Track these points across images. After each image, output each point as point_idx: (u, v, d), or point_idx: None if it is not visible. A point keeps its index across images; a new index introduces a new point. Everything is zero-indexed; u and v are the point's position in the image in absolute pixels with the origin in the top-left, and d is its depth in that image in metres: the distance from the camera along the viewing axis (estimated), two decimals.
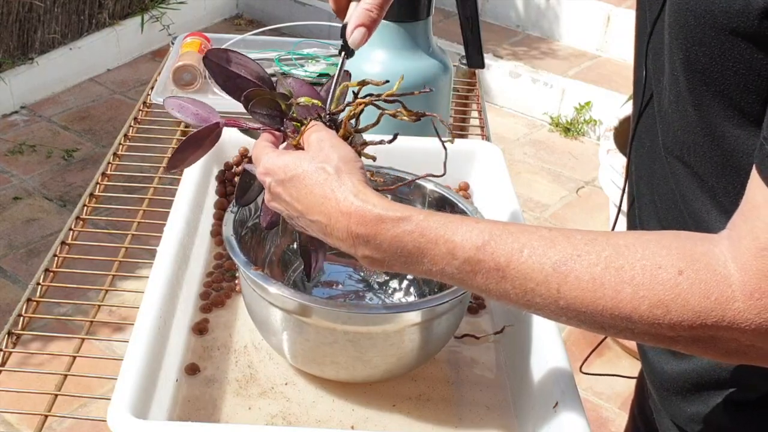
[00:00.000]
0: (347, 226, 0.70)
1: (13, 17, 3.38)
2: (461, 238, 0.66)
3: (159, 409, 0.85)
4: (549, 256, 0.63)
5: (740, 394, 0.76)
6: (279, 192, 0.76)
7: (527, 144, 3.39)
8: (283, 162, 0.76)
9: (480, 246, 0.65)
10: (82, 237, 1.25)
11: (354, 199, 0.70)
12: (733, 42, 0.62)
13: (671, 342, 0.61)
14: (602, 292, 0.61)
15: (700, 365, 0.77)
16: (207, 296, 1.03)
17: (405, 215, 0.68)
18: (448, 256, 0.66)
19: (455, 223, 0.67)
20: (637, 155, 0.82)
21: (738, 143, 0.65)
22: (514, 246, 0.64)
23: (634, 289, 0.60)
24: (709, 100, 0.65)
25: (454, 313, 0.92)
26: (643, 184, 0.81)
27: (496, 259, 0.64)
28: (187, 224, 1.03)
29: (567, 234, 0.64)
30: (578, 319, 0.63)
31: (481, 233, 0.65)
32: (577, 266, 0.62)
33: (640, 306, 0.60)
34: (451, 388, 0.95)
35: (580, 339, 2.42)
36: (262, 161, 0.78)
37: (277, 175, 0.76)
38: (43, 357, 1.92)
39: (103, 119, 3.39)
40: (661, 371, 0.82)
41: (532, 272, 0.63)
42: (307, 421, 0.89)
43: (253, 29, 2.10)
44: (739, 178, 0.66)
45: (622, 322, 0.61)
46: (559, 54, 3.73)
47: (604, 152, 2.30)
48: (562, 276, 0.62)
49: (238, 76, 0.85)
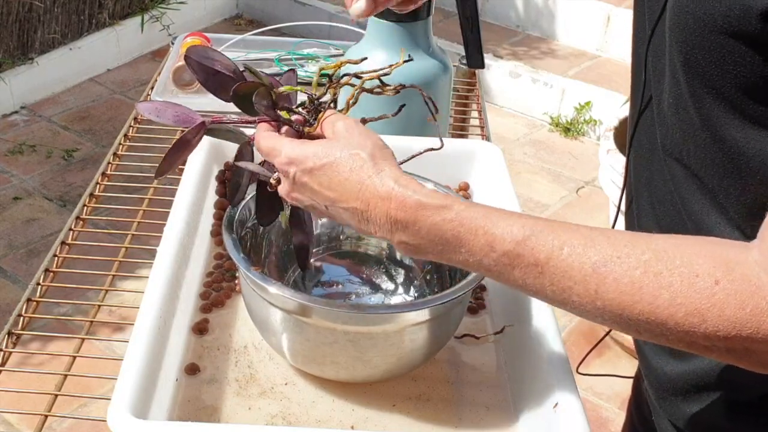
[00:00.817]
0: (387, 211, 0.70)
1: (13, 17, 3.38)
2: (501, 231, 0.66)
3: (159, 409, 0.85)
4: (589, 256, 0.63)
5: (738, 394, 0.76)
6: (305, 181, 0.75)
7: (527, 144, 3.39)
8: (310, 151, 0.75)
9: (520, 240, 0.65)
10: (82, 237, 1.25)
11: (394, 184, 0.70)
12: (734, 45, 0.62)
13: (705, 350, 0.61)
14: (640, 297, 0.61)
15: (698, 366, 0.77)
16: (207, 296, 1.03)
17: (446, 203, 0.68)
18: (487, 248, 0.66)
19: (496, 216, 0.67)
20: (635, 156, 0.82)
21: (740, 145, 0.65)
22: (555, 243, 0.64)
23: (672, 295, 0.60)
24: (710, 102, 0.65)
25: (454, 313, 0.92)
26: (641, 185, 0.81)
27: (535, 254, 0.65)
28: (187, 224, 1.03)
29: (608, 234, 0.64)
30: (613, 320, 0.63)
31: (522, 228, 0.65)
32: (616, 268, 0.62)
33: (676, 313, 0.60)
34: (451, 388, 0.95)
35: (580, 339, 2.42)
36: (283, 151, 0.76)
37: (304, 164, 0.74)
38: (43, 357, 1.92)
39: (103, 119, 3.39)
40: (660, 372, 0.82)
41: (571, 271, 0.63)
42: (307, 421, 0.89)
43: (253, 29, 2.10)
44: (741, 180, 0.66)
45: (658, 328, 0.61)
46: (559, 54, 3.73)
47: (604, 152, 2.30)
48: (600, 277, 0.62)
49: (217, 73, 0.85)
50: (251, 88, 0.81)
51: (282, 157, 0.76)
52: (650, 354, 0.83)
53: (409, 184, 0.71)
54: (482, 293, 1.07)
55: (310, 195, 0.75)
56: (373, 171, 0.72)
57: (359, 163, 0.72)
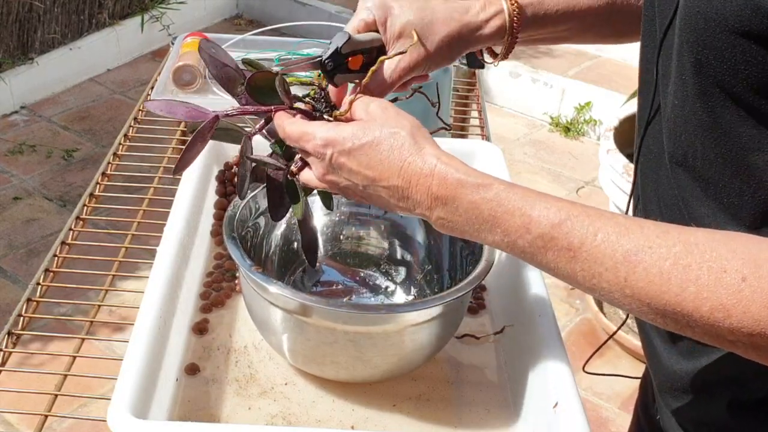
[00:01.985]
0: (428, 187, 0.71)
1: (13, 17, 3.38)
2: (538, 213, 0.67)
3: (159, 409, 0.85)
4: (621, 244, 0.63)
5: (746, 393, 0.76)
6: (343, 162, 0.75)
7: (527, 144, 3.39)
8: (348, 131, 0.75)
9: (556, 224, 0.66)
10: (82, 237, 1.25)
11: (437, 161, 0.71)
12: (745, 44, 0.62)
13: (730, 345, 0.61)
14: (667, 287, 0.61)
15: (706, 365, 0.77)
16: (207, 296, 1.03)
17: (486, 182, 0.69)
18: (522, 229, 0.67)
19: (534, 198, 0.68)
20: (644, 162, 0.82)
21: (752, 143, 0.65)
22: (590, 229, 0.65)
23: (698, 289, 0.60)
24: (721, 102, 0.66)
25: (454, 313, 0.92)
26: (650, 190, 0.81)
27: (569, 239, 0.65)
28: (187, 224, 1.03)
29: (641, 224, 0.64)
30: (640, 309, 0.64)
31: (559, 211, 0.66)
32: (646, 258, 0.62)
33: (701, 306, 0.60)
34: (451, 388, 0.95)
35: (580, 339, 2.42)
36: (317, 134, 0.76)
37: (343, 144, 0.74)
38: (43, 357, 1.92)
39: (103, 119, 3.40)
40: (669, 370, 0.82)
41: (602, 257, 0.64)
42: (307, 421, 0.89)
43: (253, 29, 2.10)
44: (754, 178, 0.66)
45: (683, 319, 0.62)
46: (559, 54, 3.73)
47: (604, 152, 2.30)
48: (631, 266, 0.63)
49: (225, 65, 0.85)
50: (267, 77, 0.81)
51: (317, 140, 0.76)
52: (660, 352, 0.83)
53: (451, 161, 0.71)
54: (482, 293, 1.07)
55: (347, 176, 0.75)
56: (415, 149, 0.72)
57: (400, 142, 0.73)
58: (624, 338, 2.29)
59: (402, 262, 1.07)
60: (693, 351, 0.78)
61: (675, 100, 0.71)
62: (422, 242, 1.05)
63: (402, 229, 1.07)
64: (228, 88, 0.85)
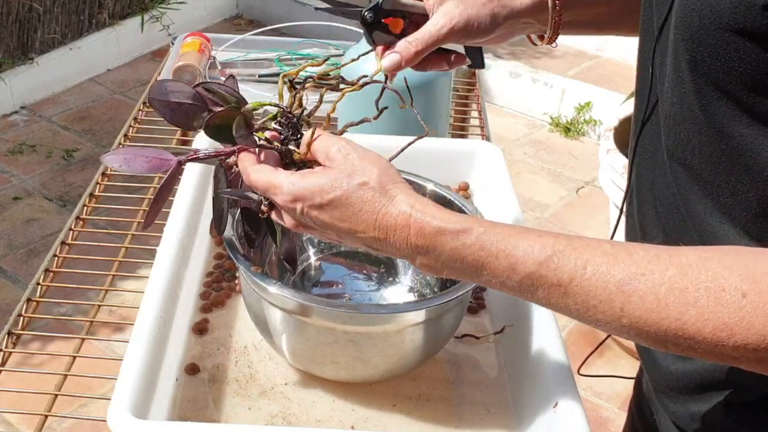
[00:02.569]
0: (406, 238, 0.70)
1: (13, 17, 3.38)
2: (523, 252, 0.66)
3: (159, 409, 0.85)
4: (612, 274, 0.62)
5: (742, 395, 0.76)
6: (315, 215, 0.73)
7: (527, 144, 3.39)
8: (314, 184, 0.72)
9: (542, 261, 0.65)
10: (82, 237, 1.25)
11: (411, 210, 0.70)
12: (739, 41, 0.62)
13: (734, 361, 0.61)
14: (666, 313, 0.60)
15: (702, 366, 0.77)
16: (207, 296, 1.03)
17: (465, 227, 0.68)
18: (509, 270, 0.66)
19: (516, 237, 0.66)
20: (639, 161, 0.82)
21: (746, 142, 0.65)
22: (578, 263, 0.64)
23: (699, 311, 0.59)
24: (716, 100, 0.66)
25: (454, 313, 0.92)
26: (645, 189, 0.81)
27: (558, 275, 0.64)
28: (187, 224, 1.03)
29: (630, 251, 0.63)
30: (640, 336, 0.63)
31: (544, 248, 0.65)
32: (641, 286, 0.61)
33: (704, 328, 0.59)
34: (451, 388, 0.95)
35: (580, 339, 2.42)
36: (284, 188, 0.73)
37: (312, 199, 0.72)
38: (43, 357, 1.92)
39: (103, 119, 3.40)
40: (665, 371, 0.82)
41: (595, 290, 0.63)
42: (307, 421, 0.89)
43: (253, 29, 2.10)
44: (748, 177, 0.66)
45: (685, 342, 0.61)
46: (559, 54, 3.73)
47: (604, 152, 2.30)
48: (625, 296, 0.62)
49: (180, 105, 0.80)
50: (224, 118, 0.77)
51: (285, 195, 0.74)
52: (655, 353, 0.83)
53: (426, 208, 0.70)
54: (482, 293, 1.07)
55: (321, 227, 0.74)
56: (386, 200, 0.71)
57: (369, 194, 0.71)
58: None
59: (401, 262, 1.07)
60: None
61: (673, 97, 0.71)
62: None
63: None
64: (189, 127, 0.81)
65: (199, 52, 1.61)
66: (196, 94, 0.81)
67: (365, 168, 0.72)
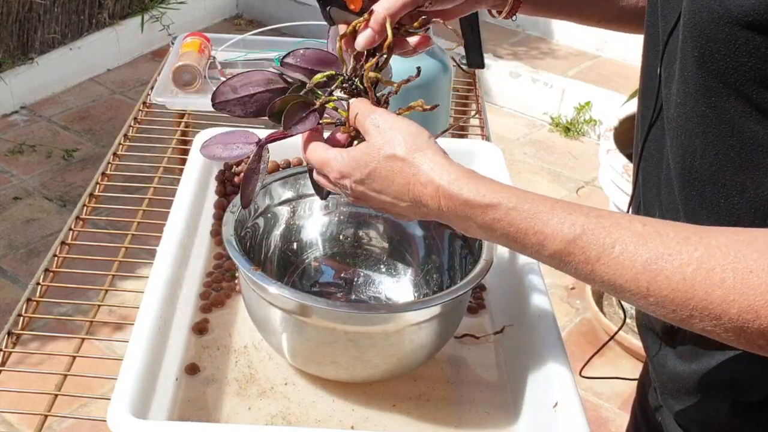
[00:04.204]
0: (438, 207, 0.71)
1: (13, 17, 3.37)
2: (552, 230, 0.66)
3: (159, 409, 0.85)
4: (640, 254, 0.62)
5: (747, 395, 0.76)
6: (362, 191, 0.75)
7: (527, 144, 3.39)
8: (354, 160, 0.74)
9: (571, 240, 0.65)
10: (82, 237, 1.25)
11: (438, 180, 0.70)
12: (749, 36, 0.62)
13: (760, 349, 0.60)
14: (692, 293, 0.60)
15: (708, 366, 0.77)
16: (207, 296, 1.03)
17: (493, 202, 0.68)
18: (538, 245, 0.67)
19: (546, 214, 0.66)
20: (645, 167, 0.82)
21: (757, 137, 0.65)
22: (606, 241, 0.64)
23: (725, 292, 0.59)
24: (725, 97, 0.65)
25: (454, 313, 0.92)
26: (652, 195, 0.81)
27: (586, 253, 0.64)
28: (187, 224, 1.03)
29: (660, 230, 0.63)
30: (666, 316, 0.63)
31: (573, 226, 0.65)
32: (667, 265, 0.61)
33: (729, 309, 0.59)
34: (451, 388, 0.95)
35: (580, 339, 2.42)
36: (332, 164, 0.76)
37: (354, 175, 0.75)
38: (43, 357, 1.92)
39: (103, 119, 3.39)
40: (670, 372, 0.82)
41: (622, 269, 0.63)
42: (307, 421, 0.89)
43: (253, 29, 2.10)
44: (758, 173, 0.66)
45: (710, 323, 0.60)
46: (559, 54, 3.73)
47: (604, 152, 2.30)
48: (652, 275, 0.62)
49: (251, 96, 0.83)
50: (284, 103, 0.80)
51: (334, 171, 0.76)
52: (661, 355, 0.83)
53: (454, 179, 0.70)
54: (482, 293, 1.07)
55: (373, 201, 0.76)
56: (414, 168, 0.71)
57: (398, 166, 0.72)
58: (624, 338, 2.29)
59: (401, 262, 1.07)
60: (694, 353, 0.78)
61: (677, 98, 0.71)
62: (421, 242, 1.05)
63: (401, 228, 1.07)
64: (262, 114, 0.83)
65: (199, 52, 1.61)
66: (266, 78, 0.83)
67: (393, 138, 0.73)
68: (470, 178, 0.70)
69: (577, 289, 2.61)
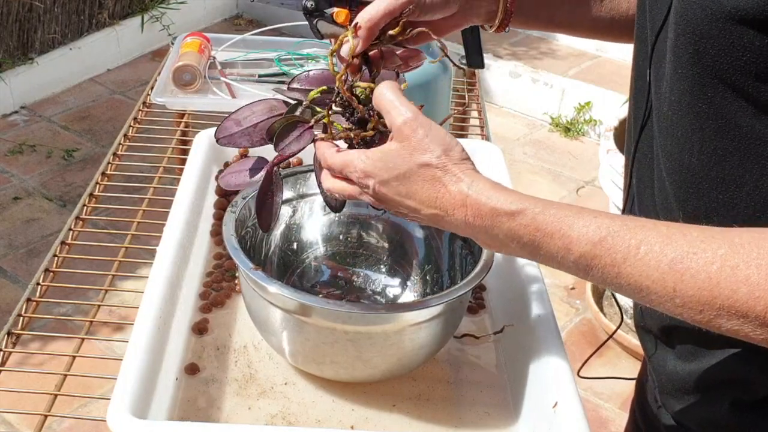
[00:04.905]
0: (464, 218, 0.71)
1: (13, 17, 3.38)
2: (578, 233, 0.66)
3: (159, 409, 0.85)
4: (666, 254, 0.62)
5: (747, 393, 0.76)
6: (385, 193, 0.74)
7: (527, 144, 3.39)
8: (381, 159, 0.74)
9: (597, 242, 0.65)
10: (82, 237, 1.25)
11: (468, 190, 0.70)
12: (743, 31, 0.62)
13: None
14: (718, 292, 0.60)
15: (708, 365, 0.77)
16: (207, 296, 1.03)
17: (520, 208, 0.68)
18: (564, 250, 0.67)
19: (572, 218, 0.67)
20: (639, 167, 0.82)
21: (755, 132, 0.65)
22: (632, 242, 0.64)
23: (750, 289, 0.59)
24: (721, 92, 0.66)
25: (454, 313, 0.92)
26: (646, 196, 0.81)
27: (612, 255, 0.64)
28: (187, 224, 1.03)
29: (684, 230, 0.63)
30: (693, 318, 0.62)
31: (599, 229, 0.65)
32: (692, 264, 0.61)
33: (755, 306, 0.59)
34: (451, 388, 0.95)
35: (580, 339, 2.42)
36: (357, 165, 0.75)
37: (380, 176, 0.74)
38: (43, 357, 1.92)
39: (103, 119, 3.40)
40: (670, 372, 0.82)
41: (648, 270, 0.63)
42: (307, 421, 0.89)
43: (253, 29, 2.10)
44: (756, 167, 0.66)
45: (737, 321, 0.60)
46: (559, 54, 3.73)
47: (604, 152, 2.30)
48: (678, 274, 0.62)
49: (255, 125, 0.84)
50: (281, 123, 0.80)
51: (358, 171, 0.75)
52: (661, 355, 0.83)
53: (483, 189, 0.70)
54: (482, 293, 1.07)
55: (394, 205, 0.75)
56: (447, 179, 0.71)
57: (430, 174, 0.72)
58: (624, 338, 2.29)
59: (401, 262, 1.07)
60: (694, 353, 0.78)
61: (671, 96, 0.71)
62: (421, 242, 1.05)
63: (401, 229, 1.07)
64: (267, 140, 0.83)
65: (199, 52, 1.61)
66: (269, 106, 0.84)
67: (429, 147, 0.73)
68: (498, 189, 0.71)
69: (577, 289, 2.61)
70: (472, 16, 0.89)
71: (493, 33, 0.93)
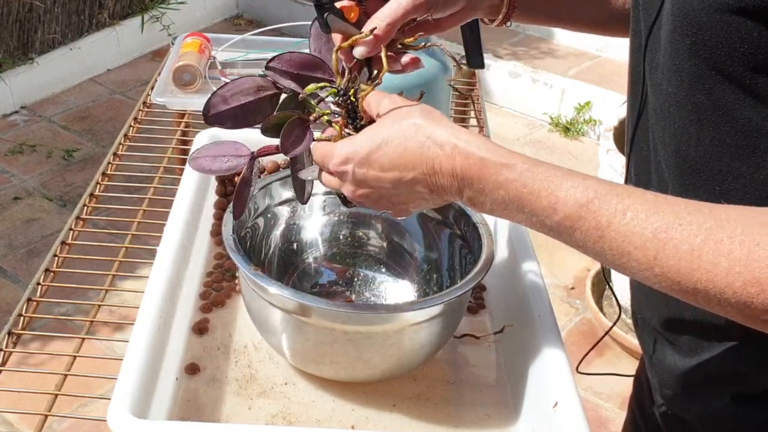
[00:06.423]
0: (452, 169, 0.70)
1: (13, 17, 3.38)
2: (565, 193, 0.66)
3: (159, 409, 0.85)
4: (651, 222, 0.62)
5: (750, 386, 0.76)
6: (365, 172, 0.73)
7: (527, 144, 3.39)
8: (359, 140, 0.74)
9: (583, 203, 0.65)
10: (82, 237, 1.25)
11: (456, 140, 0.70)
12: (740, 21, 0.62)
13: (764, 325, 0.60)
14: (698, 264, 0.60)
15: (707, 359, 0.77)
16: (207, 296, 1.03)
17: (508, 162, 0.68)
18: (549, 209, 0.66)
19: (560, 177, 0.66)
20: (636, 159, 0.82)
21: (752, 123, 0.65)
22: (618, 207, 0.63)
23: (730, 263, 0.59)
24: (719, 84, 0.66)
25: (453, 312, 0.92)
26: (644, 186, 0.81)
27: (597, 218, 0.64)
28: (187, 224, 1.03)
29: (672, 201, 0.63)
30: (671, 287, 0.62)
31: (586, 191, 0.65)
32: (677, 234, 0.61)
33: (734, 282, 0.59)
34: (451, 388, 0.95)
35: (580, 339, 2.42)
36: (335, 152, 0.75)
37: (359, 153, 0.73)
38: (43, 357, 1.92)
39: (103, 119, 3.40)
40: (669, 366, 0.82)
41: (631, 236, 0.63)
42: (307, 421, 0.89)
43: (253, 29, 2.10)
44: (754, 159, 0.66)
45: (715, 297, 0.60)
46: (559, 54, 3.73)
47: (604, 152, 2.30)
48: (660, 243, 0.61)
49: (242, 106, 0.83)
50: (281, 118, 0.80)
51: (335, 158, 0.75)
52: (660, 351, 0.83)
53: (471, 138, 0.70)
54: (482, 293, 1.07)
55: (374, 185, 0.74)
56: (431, 129, 0.71)
57: (414, 128, 0.71)
58: (623, 337, 2.29)
59: (401, 262, 1.07)
60: (694, 347, 0.79)
61: (669, 88, 0.71)
62: (421, 242, 1.06)
63: (401, 229, 1.07)
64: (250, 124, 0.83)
65: (199, 52, 1.61)
66: (257, 86, 0.83)
67: (409, 111, 0.73)
68: (485, 141, 0.70)
69: (577, 289, 2.61)
70: (476, 9, 0.90)
71: (494, 27, 0.93)
